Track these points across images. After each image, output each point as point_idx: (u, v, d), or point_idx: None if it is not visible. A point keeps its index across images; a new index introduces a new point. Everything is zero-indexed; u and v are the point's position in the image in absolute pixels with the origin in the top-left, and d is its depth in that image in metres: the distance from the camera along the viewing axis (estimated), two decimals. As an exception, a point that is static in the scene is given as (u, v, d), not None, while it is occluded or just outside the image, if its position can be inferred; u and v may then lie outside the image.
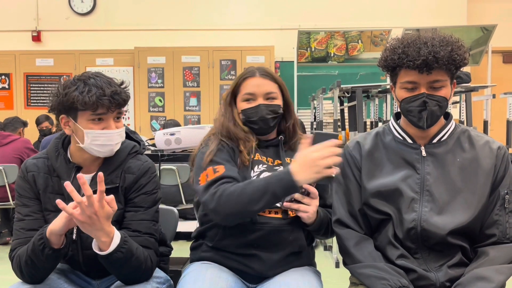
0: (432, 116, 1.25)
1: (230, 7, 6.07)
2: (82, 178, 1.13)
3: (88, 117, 1.27)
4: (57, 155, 1.37)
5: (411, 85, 1.25)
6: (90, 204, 1.13)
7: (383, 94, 3.97)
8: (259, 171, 1.41)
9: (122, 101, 1.29)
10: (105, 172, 1.34)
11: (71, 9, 6.11)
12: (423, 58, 1.19)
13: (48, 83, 5.88)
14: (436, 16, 5.82)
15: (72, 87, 1.26)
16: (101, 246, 1.19)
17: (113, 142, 1.31)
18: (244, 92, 1.44)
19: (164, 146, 1.97)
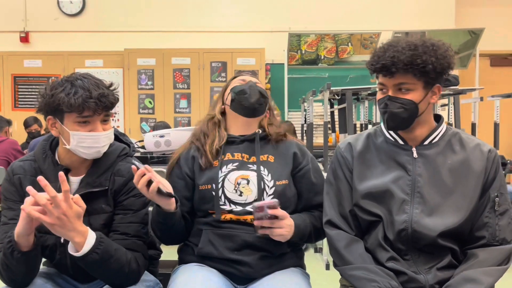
0: (394, 118, 1.26)
1: (221, 9, 6.06)
2: (62, 175, 1.12)
3: (74, 119, 1.26)
4: (45, 157, 1.34)
5: (382, 86, 1.28)
6: (56, 205, 1.10)
7: (373, 97, 3.99)
8: (227, 171, 1.43)
9: (109, 103, 1.27)
10: (94, 175, 1.33)
11: (60, 10, 6.05)
12: (382, 62, 1.22)
13: (36, 85, 5.81)
14: (425, 20, 5.87)
15: (59, 88, 1.24)
16: (76, 247, 1.17)
17: (99, 145, 1.29)
18: (236, 84, 1.52)
19: (154, 148, 1.95)
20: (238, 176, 1.42)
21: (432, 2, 5.99)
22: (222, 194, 1.40)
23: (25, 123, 4.95)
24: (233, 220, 1.39)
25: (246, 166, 1.44)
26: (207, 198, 1.41)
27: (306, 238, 1.42)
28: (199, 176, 1.44)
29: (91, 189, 1.30)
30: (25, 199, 1.13)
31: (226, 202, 1.40)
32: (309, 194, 1.48)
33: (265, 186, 1.40)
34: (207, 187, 1.42)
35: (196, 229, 1.44)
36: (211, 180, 1.41)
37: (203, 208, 1.43)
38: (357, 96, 4.27)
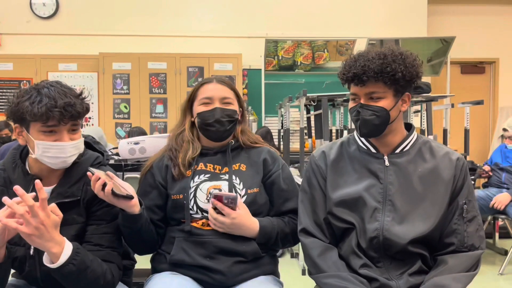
0: (366, 124, 1.29)
1: (198, 14, 6.05)
2: (39, 183, 1.09)
3: (39, 128, 1.22)
4: (15, 166, 1.31)
5: (353, 96, 1.31)
6: (34, 215, 1.07)
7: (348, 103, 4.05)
8: (199, 181, 1.43)
9: (75, 113, 1.23)
10: (66, 185, 1.30)
11: (33, 12, 5.92)
12: (353, 71, 1.25)
13: (6, 88, 5.65)
14: (399, 28, 6.00)
15: (25, 96, 1.21)
16: (52, 258, 1.14)
17: (65, 155, 1.25)
18: (201, 97, 1.47)
19: (128, 156, 1.93)
20: (210, 186, 1.42)
21: (405, 11, 6.13)
22: (194, 204, 1.41)
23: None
24: (204, 226, 1.39)
25: (218, 177, 1.45)
26: (178, 208, 1.41)
27: (272, 241, 1.42)
28: (172, 185, 1.44)
29: (63, 200, 1.27)
30: None
31: (199, 211, 1.40)
32: (279, 201, 1.49)
33: (237, 196, 1.40)
34: (179, 196, 1.41)
35: (169, 237, 1.44)
36: (183, 189, 1.41)
37: (175, 217, 1.43)
38: (332, 102, 4.32)
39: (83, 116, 1.28)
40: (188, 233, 1.39)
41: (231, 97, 1.49)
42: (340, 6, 6.13)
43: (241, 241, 1.38)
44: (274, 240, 1.42)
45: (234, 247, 1.38)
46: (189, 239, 1.39)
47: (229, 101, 1.48)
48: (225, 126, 1.45)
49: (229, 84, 1.51)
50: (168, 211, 1.44)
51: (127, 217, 1.29)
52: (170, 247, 1.41)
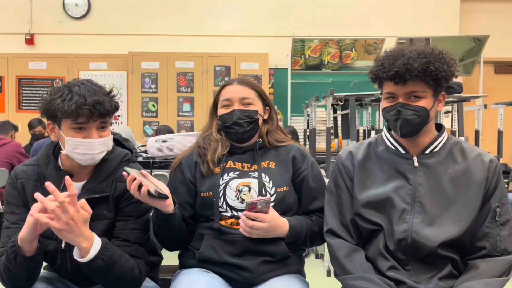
0: (407, 124, 1.26)
1: (225, 13, 6.09)
2: (68, 179, 1.12)
3: (69, 125, 1.26)
4: (48, 162, 1.35)
5: (390, 95, 1.27)
6: (64, 210, 1.10)
7: (376, 103, 3.99)
8: (228, 178, 1.44)
9: (104, 111, 1.25)
10: (96, 181, 1.33)
11: (65, 13, 6.09)
12: (395, 70, 1.22)
13: (40, 87, 5.84)
14: (430, 26, 5.88)
15: (57, 94, 1.25)
16: (82, 252, 1.17)
17: (93, 152, 1.28)
18: (222, 99, 1.48)
19: (156, 153, 1.96)
20: (240, 183, 1.43)
21: (436, 9, 5.99)
22: (223, 201, 1.41)
23: (29, 125, 4.97)
24: (233, 225, 1.40)
25: (247, 174, 1.45)
26: (208, 205, 1.42)
27: (302, 240, 1.42)
28: (201, 183, 1.45)
29: (93, 195, 1.30)
30: (33, 205, 1.13)
31: (228, 209, 1.41)
32: (307, 199, 1.48)
33: (267, 193, 1.41)
34: (208, 194, 1.42)
35: (198, 234, 1.45)
36: (212, 187, 1.42)
37: (205, 214, 1.44)
38: (360, 102, 4.26)
39: (111, 114, 1.30)
40: (217, 231, 1.40)
41: (251, 98, 1.48)
42: (368, 4, 6.05)
43: (269, 242, 1.38)
44: (303, 240, 1.42)
45: (263, 248, 1.38)
46: (218, 237, 1.40)
47: (249, 102, 1.47)
48: (244, 128, 1.44)
49: (251, 84, 1.50)
50: (198, 208, 1.45)
51: (161, 216, 1.30)
52: (199, 244, 1.42)
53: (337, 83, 5.73)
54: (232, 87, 1.48)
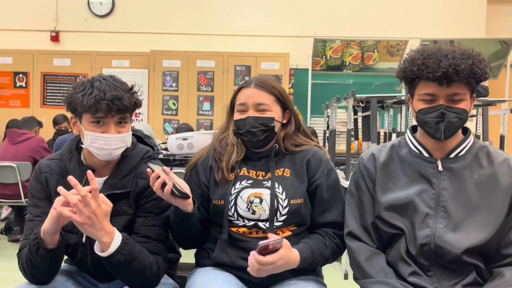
0: (450, 127, 1.23)
1: (247, 13, 6.09)
2: (90, 174, 1.13)
3: (89, 119, 1.27)
4: (71, 157, 1.37)
5: (430, 97, 1.23)
6: (86, 204, 1.11)
7: (398, 105, 3.93)
8: (240, 188, 1.40)
9: (123, 106, 1.26)
10: (117, 177, 1.34)
11: (90, 11, 6.19)
12: (443, 70, 1.17)
13: (64, 83, 5.95)
14: (454, 28, 5.76)
15: (80, 88, 1.27)
16: (103, 247, 1.18)
17: (110, 147, 1.28)
18: (238, 103, 1.43)
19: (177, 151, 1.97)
20: (251, 194, 1.38)
21: (462, 11, 5.87)
22: (234, 211, 1.38)
23: (54, 121, 5.06)
24: (245, 234, 1.38)
25: (260, 184, 1.40)
26: (219, 213, 1.40)
27: (313, 267, 1.39)
28: (213, 190, 1.43)
29: (114, 191, 1.32)
30: (56, 198, 1.15)
31: (239, 218, 1.39)
32: (318, 210, 1.42)
33: (279, 206, 1.37)
34: (219, 202, 1.40)
35: (212, 236, 1.44)
36: (224, 195, 1.39)
37: (216, 220, 1.43)
38: (381, 104, 4.21)
39: (131, 111, 1.31)
40: (229, 236, 1.39)
41: (267, 103, 1.41)
42: (391, 5, 5.97)
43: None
44: (314, 266, 1.39)
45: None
46: (230, 242, 1.39)
47: (264, 108, 1.40)
48: (258, 136, 1.39)
49: (269, 88, 1.42)
50: (210, 213, 1.44)
51: (181, 215, 1.30)
52: (213, 246, 1.42)
53: (358, 85, 5.67)
54: (249, 91, 1.42)
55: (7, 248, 3.89)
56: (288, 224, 1.38)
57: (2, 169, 3.80)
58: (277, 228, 1.36)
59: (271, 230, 1.36)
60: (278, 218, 1.36)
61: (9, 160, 3.85)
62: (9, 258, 3.59)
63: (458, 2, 5.90)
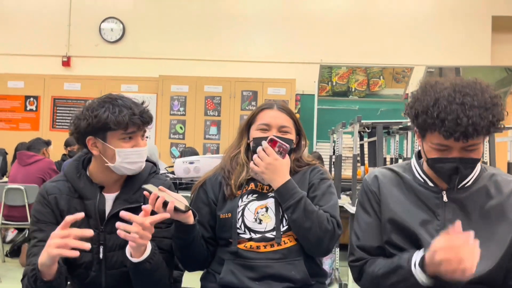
0: (463, 178, 1.20)
1: (254, 39, 6.20)
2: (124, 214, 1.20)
3: (119, 136, 1.31)
4: (79, 176, 1.39)
5: (444, 147, 1.17)
6: (145, 228, 1.19)
7: (404, 131, 3.94)
8: (247, 201, 1.44)
9: (149, 119, 1.35)
10: (129, 192, 1.38)
11: (101, 37, 6.33)
12: (461, 130, 1.09)
13: (74, 107, 6.04)
14: (460, 55, 5.82)
15: (101, 109, 1.30)
16: (134, 253, 1.23)
17: (142, 159, 1.36)
18: (260, 122, 1.48)
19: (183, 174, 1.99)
20: (258, 206, 1.43)
21: (467, 38, 5.94)
22: (242, 223, 1.41)
23: (66, 143, 5.09)
24: (253, 249, 1.39)
25: (265, 196, 1.45)
26: (226, 226, 1.42)
27: (293, 202, 1.36)
28: (221, 205, 1.46)
29: (128, 205, 1.35)
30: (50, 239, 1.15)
31: (246, 230, 1.41)
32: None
33: (284, 213, 1.40)
34: (227, 215, 1.43)
35: (218, 258, 1.45)
36: (231, 208, 1.42)
37: (223, 236, 1.44)
38: (387, 130, 4.22)
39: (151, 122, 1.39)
40: (237, 255, 1.40)
41: (289, 126, 1.48)
42: (397, 32, 6.06)
43: (290, 267, 1.37)
44: (295, 203, 1.37)
45: (283, 273, 1.36)
46: (238, 262, 1.39)
47: (286, 130, 1.47)
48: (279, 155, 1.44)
49: (289, 112, 1.51)
50: (217, 230, 1.46)
51: (182, 228, 1.32)
52: (220, 268, 1.42)
53: (364, 110, 5.70)
54: (272, 112, 1.48)
55: (12, 270, 3.88)
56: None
57: (11, 191, 3.83)
58: (284, 233, 1.39)
59: (278, 236, 1.38)
60: (284, 224, 1.40)
61: (19, 182, 3.88)
62: (14, 280, 3.58)
63: (463, 29, 5.98)
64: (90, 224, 1.34)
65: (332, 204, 1.44)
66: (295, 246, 1.40)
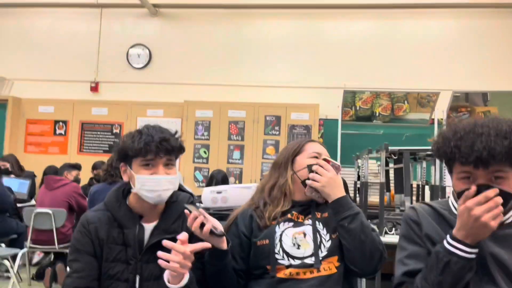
0: None
1: (277, 65, 6.26)
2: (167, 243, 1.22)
3: (139, 162, 1.34)
4: (119, 205, 1.42)
5: (468, 174, 1.16)
6: (186, 257, 1.22)
7: (431, 158, 3.87)
8: (284, 228, 1.46)
9: (170, 147, 1.34)
10: (168, 221, 1.40)
11: (128, 63, 6.50)
12: (476, 155, 1.10)
13: (100, 131, 6.18)
14: (487, 80, 5.73)
15: (129, 137, 1.36)
16: (172, 280, 1.24)
17: (160, 188, 1.34)
18: (312, 151, 1.55)
19: (211, 204, 1.99)
20: (295, 232, 1.45)
21: (494, 63, 5.86)
22: (280, 248, 1.42)
23: (93, 166, 5.19)
24: (293, 276, 1.38)
25: (301, 224, 1.47)
26: (265, 253, 1.43)
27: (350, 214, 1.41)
28: (257, 233, 1.47)
29: (167, 235, 1.36)
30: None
31: (285, 256, 1.41)
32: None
33: (322, 239, 1.42)
34: (265, 242, 1.44)
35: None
36: (269, 235, 1.44)
37: (261, 264, 1.43)
38: (414, 156, 4.15)
39: (178, 153, 1.39)
40: (275, 285, 1.38)
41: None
42: (421, 57, 6.02)
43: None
44: (354, 214, 1.41)
45: None
46: None
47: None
48: None
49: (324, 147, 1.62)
50: (252, 259, 1.46)
51: (216, 253, 1.33)
52: None
53: (389, 135, 5.64)
54: (318, 145, 1.59)
55: (37, 294, 3.91)
56: (333, 253, 1.40)
57: (39, 215, 3.90)
58: (323, 259, 1.39)
59: (317, 262, 1.38)
60: (322, 250, 1.41)
61: (47, 207, 3.95)
62: (40, 305, 3.61)
63: (491, 53, 5.90)
64: (127, 254, 1.35)
65: (377, 232, 1.47)
66: (336, 274, 1.39)
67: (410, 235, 1.29)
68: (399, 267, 1.27)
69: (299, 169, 1.52)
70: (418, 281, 1.20)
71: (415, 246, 1.27)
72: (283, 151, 1.61)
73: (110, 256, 1.36)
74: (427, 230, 1.27)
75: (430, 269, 1.18)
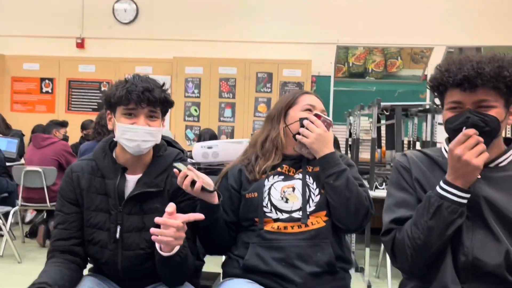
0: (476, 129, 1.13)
1: (269, 20, 6.10)
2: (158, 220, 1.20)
3: (122, 111, 1.33)
4: (104, 155, 1.41)
5: (456, 104, 1.16)
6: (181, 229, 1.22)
7: (423, 114, 3.86)
8: (273, 181, 1.46)
9: (153, 98, 1.30)
10: (151, 175, 1.38)
11: (115, 18, 6.29)
12: (464, 74, 1.11)
13: (88, 89, 6.05)
14: (481, 35, 5.64)
15: (115, 85, 1.35)
16: (164, 248, 1.25)
17: (139, 138, 1.32)
18: (305, 103, 1.51)
19: (201, 159, 1.97)
20: (284, 186, 1.45)
21: (489, 17, 5.76)
22: (268, 201, 1.43)
23: (82, 126, 5.12)
24: (280, 230, 1.39)
25: (291, 178, 1.47)
26: (253, 206, 1.44)
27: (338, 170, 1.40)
28: (246, 186, 1.48)
29: (148, 189, 1.36)
30: None
31: (273, 209, 1.42)
32: None
33: (311, 194, 1.42)
34: (253, 195, 1.44)
35: (242, 242, 1.44)
36: (257, 189, 1.44)
37: (249, 216, 1.44)
38: (406, 112, 4.14)
39: (162, 105, 1.34)
40: (264, 236, 1.40)
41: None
42: (415, 11, 5.89)
43: (317, 249, 1.37)
44: (340, 171, 1.40)
45: (310, 253, 1.36)
46: (264, 244, 1.39)
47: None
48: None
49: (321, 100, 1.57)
50: (241, 211, 1.47)
51: (207, 207, 1.34)
52: (244, 252, 1.41)
53: (381, 92, 5.60)
54: (312, 97, 1.54)
55: (32, 251, 3.95)
56: (321, 208, 1.41)
57: (29, 173, 3.87)
58: (311, 214, 1.39)
59: (305, 217, 1.38)
60: (310, 205, 1.41)
61: (35, 165, 3.92)
62: (34, 261, 3.65)
63: (485, 8, 5.79)
64: (109, 204, 1.36)
65: (366, 188, 1.46)
66: (323, 228, 1.39)
67: (400, 181, 1.28)
68: (387, 214, 1.27)
69: (291, 122, 1.49)
70: (408, 227, 1.20)
71: (404, 193, 1.26)
72: (277, 103, 1.58)
73: (91, 205, 1.37)
74: (417, 175, 1.26)
75: (421, 214, 1.18)
